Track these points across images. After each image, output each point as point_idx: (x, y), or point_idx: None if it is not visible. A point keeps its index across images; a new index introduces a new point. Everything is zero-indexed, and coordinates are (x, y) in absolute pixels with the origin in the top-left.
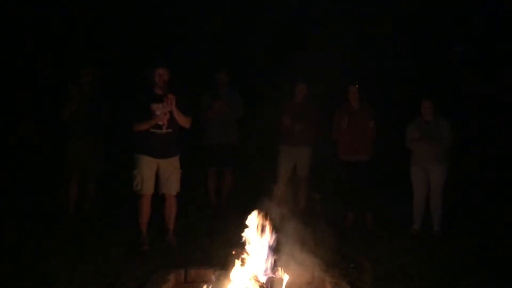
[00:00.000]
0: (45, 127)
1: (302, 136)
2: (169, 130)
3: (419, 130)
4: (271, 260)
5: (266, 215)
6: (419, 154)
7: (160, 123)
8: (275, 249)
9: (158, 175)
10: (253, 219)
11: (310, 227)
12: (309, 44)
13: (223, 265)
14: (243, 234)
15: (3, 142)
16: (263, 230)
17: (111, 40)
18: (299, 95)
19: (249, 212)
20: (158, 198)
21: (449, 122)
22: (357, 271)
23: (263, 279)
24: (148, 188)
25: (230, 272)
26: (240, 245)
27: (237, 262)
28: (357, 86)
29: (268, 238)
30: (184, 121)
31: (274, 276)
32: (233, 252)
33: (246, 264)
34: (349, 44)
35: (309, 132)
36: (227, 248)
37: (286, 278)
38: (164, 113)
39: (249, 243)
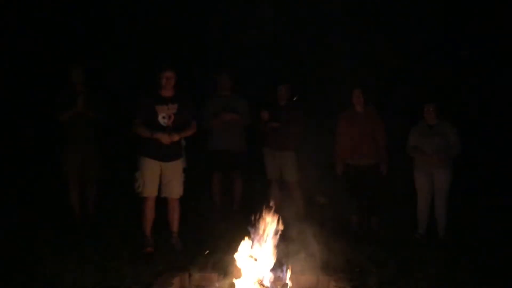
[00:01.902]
0: (43, 129)
1: (284, 140)
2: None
3: (422, 135)
4: (275, 264)
5: (268, 219)
6: (423, 158)
7: (164, 141)
8: (279, 253)
9: (161, 178)
10: (257, 223)
11: (314, 231)
12: (312, 46)
13: (228, 269)
14: (247, 238)
15: (6, 144)
16: (267, 234)
17: (113, 39)
18: (282, 97)
19: (253, 215)
20: (163, 201)
21: (454, 126)
22: (362, 275)
23: (268, 283)
24: (150, 191)
25: (235, 276)
26: (244, 249)
27: (242, 266)
28: (361, 89)
29: (272, 241)
30: (190, 134)
31: (278, 280)
32: (238, 256)
33: (250, 268)
34: (352, 46)
35: (292, 136)
36: (231, 252)
37: (290, 282)
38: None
39: (253, 247)
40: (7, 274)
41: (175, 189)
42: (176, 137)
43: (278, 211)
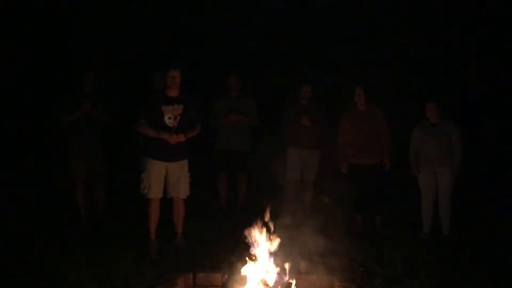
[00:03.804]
0: (48, 129)
1: (313, 139)
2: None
3: (425, 134)
4: (279, 264)
5: (272, 220)
6: (426, 158)
7: (171, 141)
8: (283, 253)
9: (167, 178)
10: (260, 223)
11: (318, 230)
12: (314, 45)
13: (232, 269)
14: (249, 239)
15: (11, 143)
16: (270, 234)
17: (117, 40)
18: (304, 96)
19: (257, 216)
20: (167, 202)
21: (457, 125)
22: (366, 275)
23: (272, 283)
24: (155, 192)
25: (239, 276)
26: (248, 249)
27: (246, 266)
28: (362, 87)
29: (275, 242)
30: (194, 135)
31: (282, 280)
32: (242, 256)
33: (254, 268)
34: (354, 45)
35: (317, 135)
36: (236, 252)
37: (294, 282)
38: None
39: (257, 248)
40: (11, 274)
41: (182, 189)
42: (182, 138)
43: (286, 211)
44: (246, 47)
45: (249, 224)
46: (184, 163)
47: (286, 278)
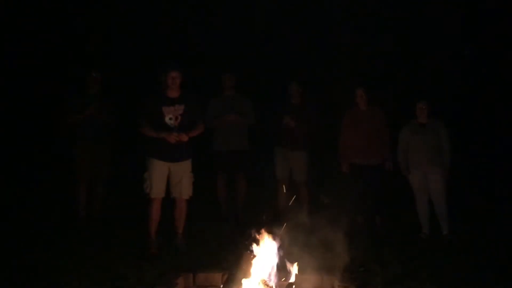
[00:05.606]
0: (51, 129)
1: (297, 139)
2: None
3: (413, 133)
4: (280, 264)
5: (272, 220)
6: (416, 158)
7: (170, 141)
8: (283, 253)
9: (169, 179)
10: (259, 224)
11: (318, 231)
12: (312, 47)
13: (232, 269)
14: (250, 239)
15: (12, 143)
16: (270, 235)
17: (118, 42)
18: (295, 95)
19: (257, 216)
20: (168, 201)
21: (446, 124)
22: (366, 275)
23: (272, 283)
24: (158, 192)
25: (239, 277)
26: (248, 249)
27: (246, 267)
28: (364, 88)
29: (275, 242)
30: (197, 134)
31: (283, 280)
32: (242, 256)
33: (255, 269)
34: (353, 45)
35: (305, 135)
36: (236, 252)
37: (294, 282)
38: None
39: (257, 248)
40: (9, 274)
41: (185, 190)
42: (184, 137)
43: (283, 211)
44: (245, 45)
45: (249, 224)
46: (187, 163)
47: (287, 278)
